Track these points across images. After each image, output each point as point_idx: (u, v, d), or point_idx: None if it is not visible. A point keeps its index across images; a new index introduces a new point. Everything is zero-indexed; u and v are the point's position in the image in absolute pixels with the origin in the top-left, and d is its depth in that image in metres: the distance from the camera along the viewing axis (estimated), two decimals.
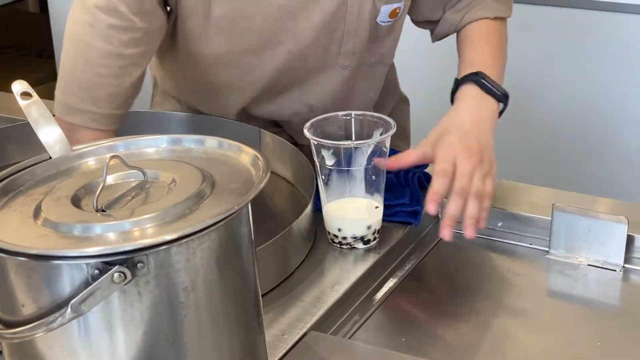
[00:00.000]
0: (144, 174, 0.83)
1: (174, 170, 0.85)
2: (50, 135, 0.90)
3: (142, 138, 0.91)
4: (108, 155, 0.84)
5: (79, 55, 1.29)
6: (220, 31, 1.34)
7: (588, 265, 1.19)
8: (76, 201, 0.81)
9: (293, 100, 1.43)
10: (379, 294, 1.14)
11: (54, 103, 1.32)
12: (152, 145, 0.91)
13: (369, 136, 1.19)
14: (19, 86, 0.91)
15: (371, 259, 1.17)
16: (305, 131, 1.17)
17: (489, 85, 1.31)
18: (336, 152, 1.15)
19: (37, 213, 0.79)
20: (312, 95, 1.43)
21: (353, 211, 1.18)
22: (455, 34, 1.47)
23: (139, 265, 0.73)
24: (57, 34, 3.00)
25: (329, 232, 1.20)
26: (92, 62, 1.28)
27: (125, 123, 1.34)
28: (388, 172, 1.29)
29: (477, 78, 1.31)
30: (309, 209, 1.18)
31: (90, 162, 0.89)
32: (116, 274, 0.73)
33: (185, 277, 0.76)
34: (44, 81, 3.08)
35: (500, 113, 1.33)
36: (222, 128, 1.42)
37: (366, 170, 1.17)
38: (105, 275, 0.72)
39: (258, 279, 0.85)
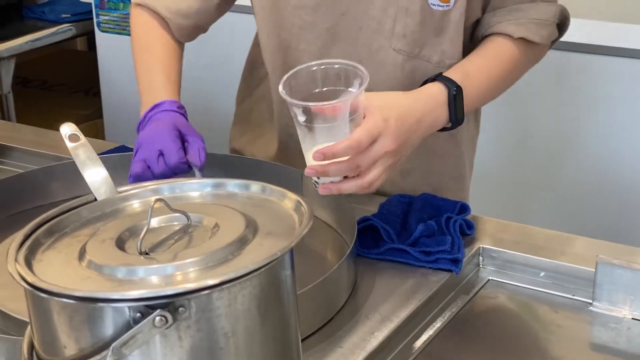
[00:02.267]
0: (188, 217, 0.84)
1: (217, 214, 0.85)
2: (96, 177, 0.91)
3: (187, 182, 0.92)
4: (153, 199, 0.85)
5: None
6: None
7: (632, 319, 1.18)
8: (120, 244, 0.82)
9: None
10: (418, 342, 1.13)
11: (100, 142, 1.34)
12: (196, 189, 0.91)
13: (348, 85, 1.16)
14: (67, 128, 0.93)
15: (411, 306, 1.16)
16: (280, 88, 1.13)
17: (454, 107, 1.26)
18: (306, 110, 1.13)
19: (81, 255, 0.80)
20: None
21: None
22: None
23: (180, 309, 0.74)
24: (104, 72, 3.05)
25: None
26: None
27: None
28: (429, 219, 1.29)
29: (455, 91, 1.27)
30: (349, 253, 1.18)
31: (135, 205, 0.90)
32: (158, 318, 0.73)
33: (226, 322, 0.76)
34: (90, 118, 3.13)
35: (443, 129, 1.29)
36: (264, 170, 1.43)
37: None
38: (147, 318, 0.73)
39: (298, 324, 0.85)
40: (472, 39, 1.43)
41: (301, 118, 1.13)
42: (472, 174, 1.59)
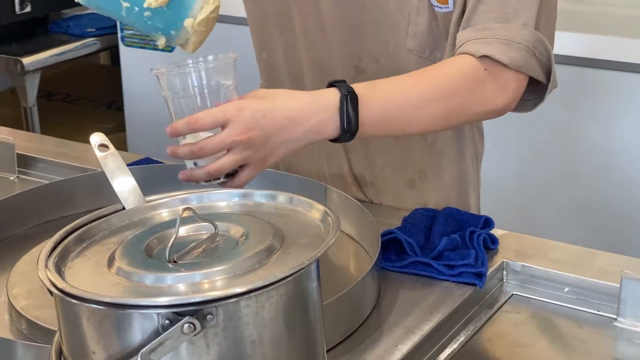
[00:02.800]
0: (215, 227, 0.85)
1: (244, 224, 0.86)
2: (124, 186, 0.93)
3: (215, 192, 0.93)
4: (181, 208, 0.85)
5: None
6: None
7: None
8: (149, 251, 0.83)
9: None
10: (442, 356, 1.13)
11: (124, 154, 1.35)
12: (224, 199, 0.92)
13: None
14: (97, 138, 0.94)
15: (435, 320, 1.16)
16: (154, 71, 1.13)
17: (345, 113, 1.16)
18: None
19: (110, 262, 0.81)
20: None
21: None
22: None
23: (208, 317, 0.74)
24: (127, 86, 3.08)
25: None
26: None
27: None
28: (452, 232, 1.29)
29: (346, 97, 1.17)
30: (373, 266, 1.18)
31: (164, 214, 0.91)
32: (186, 325, 0.74)
33: (253, 330, 0.77)
34: (113, 131, 3.15)
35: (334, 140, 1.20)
36: (288, 183, 1.44)
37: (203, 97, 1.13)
38: (176, 325, 0.73)
39: (324, 334, 0.85)
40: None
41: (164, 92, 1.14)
42: (479, 190, 1.57)
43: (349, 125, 1.18)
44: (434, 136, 1.46)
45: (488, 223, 1.33)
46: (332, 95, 1.18)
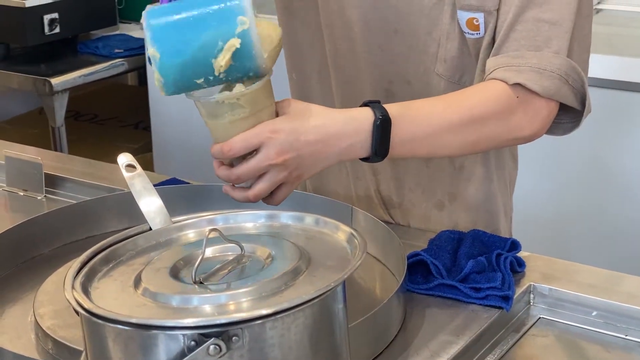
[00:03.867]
0: (242, 248, 0.85)
1: (270, 245, 0.86)
2: (151, 206, 0.93)
3: (241, 213, 0.93)
4: (207, 229, 0.86)
5: None
6: None
7: None
8: (175, 272, 0.83)
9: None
10: None
11: (151, 175, 1.35)
12: (250, 220, 0.93)
13: None
14: (124, 159, 0.95)
15: (461, 343, 1.15)
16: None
17: (378, 137, 1.17)
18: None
19: (137, 283, 0.81)
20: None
21: None
22: None
23: (234, 338, 0.74)
24: (154, 106, 3.09)
25: None
26: None
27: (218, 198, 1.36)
28: (479, 255, 1.29)
29: (380, 120, 1.17)
30: (399, 288, 1.17)
31: (190, 235, 0.91)
32: (212, 347, 0.74)
33: (278, 352, 0.76)
34: (140, 152, 3.17)
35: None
36: (314, 204, 1.43)
37: None
38: (201, 347, 0.73)
39: (350, 357, 0.85)
40: None
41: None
42: (511, 215, 1.56)
43: (380, 149, 1.18)
44: (462, 159, 1.46)
45: (515, 246, 1.33)
46: (366, 117, 1.18)
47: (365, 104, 1.21)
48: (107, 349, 0.77)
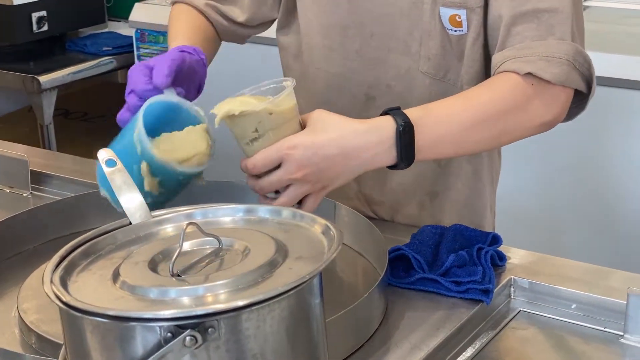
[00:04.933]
0: (219, 241, 0.86)
1: (248, 238, 0.87)
2: (131, 202, 0.94)
3: (219, 207, 0.94)
4: (185, 223, 0.86)
5: None
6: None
7: None
8: (153, 266, 0.84)
9: (379, 109, 1.27)
10: None
11: None
12: (229, 215, 0.93)
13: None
14: (104, 154, 0.96)
15: (441, 336, 1.16)
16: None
17: (401, 144, 1.17)
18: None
19: (115, 276, 0.82)
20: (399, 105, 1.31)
21: None
22: None
23: (210, 330, 0.75)
24: None
25: None
26: None
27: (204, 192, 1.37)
28: (460, 249, 1.30)
29: (403, 127, 1.17)
30: (380, 282, 1.18)
31: (169, 229, 0.92)
32: (188, 338, 0.74)
33: (254, 344, 0.77)
34: None
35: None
36: None
37: None
38: (178, 338, 0.74)
39: (327, 350, 0.86)
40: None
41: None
42: (494, 209, 1.58)
43: (406, 155, 1.19)
44: (448, 158, 1.47)
45: (496, 240, 1.34)
46: (388, 126, 1.19)
47: (385, 112, 1.21)
48: (85, 341, 0.78)
